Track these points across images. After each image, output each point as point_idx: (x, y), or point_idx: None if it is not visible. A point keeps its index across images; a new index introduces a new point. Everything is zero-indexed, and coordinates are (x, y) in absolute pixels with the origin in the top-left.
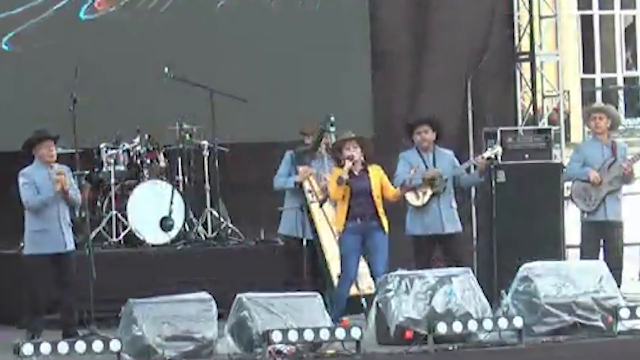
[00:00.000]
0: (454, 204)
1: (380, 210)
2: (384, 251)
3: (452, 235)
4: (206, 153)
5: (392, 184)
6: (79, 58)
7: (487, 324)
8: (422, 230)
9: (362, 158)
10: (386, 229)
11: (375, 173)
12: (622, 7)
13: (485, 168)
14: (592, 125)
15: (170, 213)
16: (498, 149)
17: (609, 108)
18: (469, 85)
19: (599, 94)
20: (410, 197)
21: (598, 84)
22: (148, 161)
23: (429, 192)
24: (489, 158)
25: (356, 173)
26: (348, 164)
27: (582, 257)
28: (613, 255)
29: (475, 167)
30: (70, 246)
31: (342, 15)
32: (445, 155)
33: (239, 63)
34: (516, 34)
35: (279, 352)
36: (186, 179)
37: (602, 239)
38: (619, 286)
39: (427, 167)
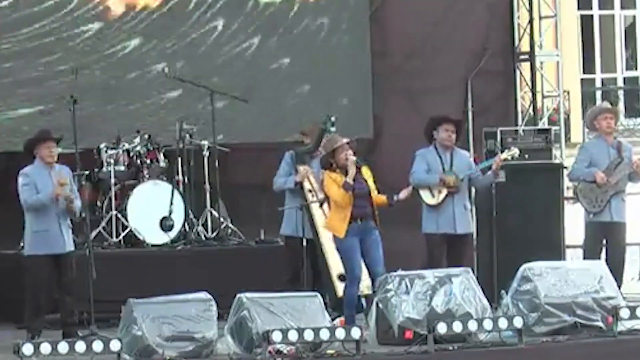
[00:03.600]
0: (468, 205)
1: (375, 210)
2: (381, 250)
3: (464, 236)
4: (206, 153)
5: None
6: (79, 58)
7: (487, 324)
8: (435, 229)
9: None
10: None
11: (368, 174)
12: (622, 7)
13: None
14: (603, 125)
15: (170, 213)
16: (515, 151)
17: (617, 108)
18: (469, 85)
19: (599, 94)
20: (425, 195)
21: (598, 84)
22: (148, 161)
23: (444, 191)
24: (505, 159)
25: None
26: (354, 168)
27: (585, 256)
28: (615, 255)
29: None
30: (70, 247)
31: (343, 15)
32: (462, 155)
33: (238, 63)
34: (516, 34)
35: (279, 352)
36: (186, 179)
37: (605, 239)
38: (619, 286)
39: (444, 167)
